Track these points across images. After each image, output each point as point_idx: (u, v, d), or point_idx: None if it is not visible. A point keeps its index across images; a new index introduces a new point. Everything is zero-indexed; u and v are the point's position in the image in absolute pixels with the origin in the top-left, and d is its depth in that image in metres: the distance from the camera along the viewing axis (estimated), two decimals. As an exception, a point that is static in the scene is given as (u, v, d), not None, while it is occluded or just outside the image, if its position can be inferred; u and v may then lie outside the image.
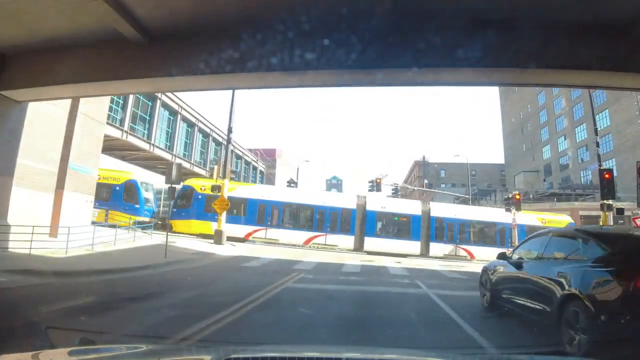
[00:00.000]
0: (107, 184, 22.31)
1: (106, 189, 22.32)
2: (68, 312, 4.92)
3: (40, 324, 3.89)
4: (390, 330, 4.78)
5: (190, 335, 4.00)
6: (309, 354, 2.14)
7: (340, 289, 7.64)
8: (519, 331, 5.10)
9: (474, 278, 10.73)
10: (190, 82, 9.36)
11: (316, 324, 4.92)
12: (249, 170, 46.75)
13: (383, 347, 3.72)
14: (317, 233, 20.99)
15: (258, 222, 21.10)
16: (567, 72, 6.75)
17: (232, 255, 14.31)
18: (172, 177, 11.99)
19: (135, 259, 11.27)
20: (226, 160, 17.51)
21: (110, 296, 6.27)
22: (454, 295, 7.75)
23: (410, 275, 10.87)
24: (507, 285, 5.57)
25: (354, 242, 21.02)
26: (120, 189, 22.63)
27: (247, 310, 5.33)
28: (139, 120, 26.75)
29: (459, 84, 10.27)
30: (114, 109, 24.24)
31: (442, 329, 5.11)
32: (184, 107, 30.40)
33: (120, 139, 24.37)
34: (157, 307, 5.37)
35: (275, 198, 21.70)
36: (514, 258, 5.67)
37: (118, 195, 22.49)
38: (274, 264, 12.07)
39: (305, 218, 21.71)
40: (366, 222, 21.06)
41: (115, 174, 23.74)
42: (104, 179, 22.02)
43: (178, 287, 7.49)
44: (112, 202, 22.13)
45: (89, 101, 17.15)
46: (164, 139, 29.27)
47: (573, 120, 49.35)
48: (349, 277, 9.48)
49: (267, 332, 4.53)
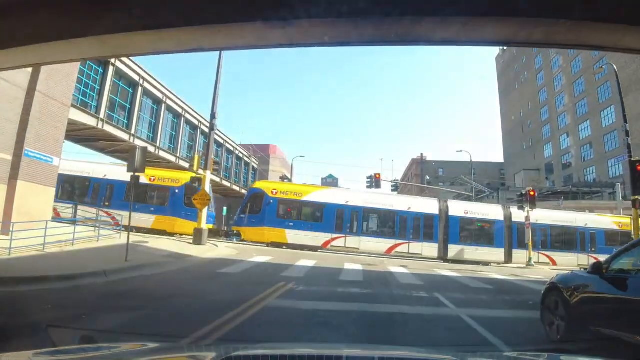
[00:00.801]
0: (164, 187, 19.81)
1: (163, 192, 19.84)
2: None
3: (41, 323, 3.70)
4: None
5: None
6: (309, 352, 2.08)
7: (339, 309, 5.63)
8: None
9: (504, 289, 8.89)
10: (150, 39, 7.32)
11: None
12: (240, 166, 44.59)
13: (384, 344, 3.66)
14: (400, 241, 19.61)
15: (337, 230, 19.56)
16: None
17: (212, 258, 12.26)
18: (136, 163, 9.92)
19: (88, 262, 9.23)
20: (209, 150, 15.42)
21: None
22: (498, 319, 5.79)
23: (425, 285, 8.85)
24: (603, 312, 3.64)
25: (437, 250, 19.66)
26: (180, 192, 19.69)
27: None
28: (118, 109, 24.53)
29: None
30: (89, 94, 22.06)
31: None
32: (169, 96, 28.21)
33: (96, 127, 22.17)
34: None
35: (355, 203, 20.02)
36: (611, 272, 3.71)
37: (178, 199, 19.56)
38: (258, 269, 10.04)
39: (388, 225, 20.25)
40: (449, 228, 19.79)
41: (173, 174, 21.11)
42: (159, 181, 19.87)
43: (113, 305, 5.47)
44: (171, 207, 19.48)
45: (51, 78, 15.00)
46: (146, 130, 27.07)
47: (576, 117, 47.79)
48: (349, 289, 7.47)
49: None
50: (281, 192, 20.14)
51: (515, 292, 8.92)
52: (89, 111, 21.69)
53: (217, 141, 37.42)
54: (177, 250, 12.74)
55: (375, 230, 20.08)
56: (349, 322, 4.96)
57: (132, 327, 4.22)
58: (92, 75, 22.30)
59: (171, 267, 9.67)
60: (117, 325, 4.26)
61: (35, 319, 4.47)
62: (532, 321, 4.97)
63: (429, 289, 8.20)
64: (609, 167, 42.15)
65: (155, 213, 19.16)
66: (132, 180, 10.02)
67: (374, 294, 7.04)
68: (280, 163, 58.65)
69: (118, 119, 24.31)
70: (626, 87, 39.41)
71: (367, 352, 2.25)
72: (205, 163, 15.02)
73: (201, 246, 14.30)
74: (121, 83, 24.42)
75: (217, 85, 15.10)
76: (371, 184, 25.56)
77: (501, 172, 67.18)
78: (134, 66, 24.43)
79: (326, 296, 6.58)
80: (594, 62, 44.73)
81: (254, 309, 5.27)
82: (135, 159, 9.94)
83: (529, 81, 59.73)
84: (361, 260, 14.79)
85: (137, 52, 8.75)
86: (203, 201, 14.53)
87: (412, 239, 19.53)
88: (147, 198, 19.78)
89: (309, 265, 11.47)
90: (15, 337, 3.43)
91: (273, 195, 19.76)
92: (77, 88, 21.55)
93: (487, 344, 4.23)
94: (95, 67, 22.31)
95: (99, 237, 13.21)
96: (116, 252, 10.55)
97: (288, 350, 2.11)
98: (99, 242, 13.08)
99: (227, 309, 5.07)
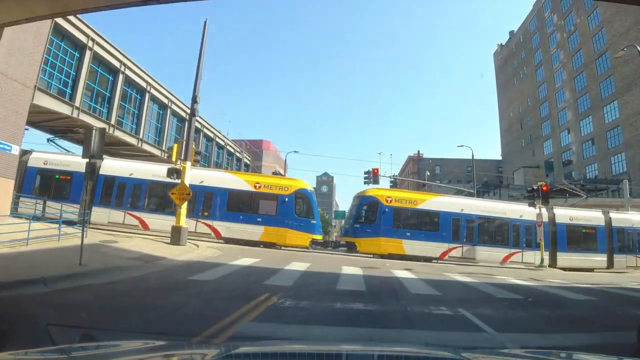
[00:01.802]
0: (272, 194, 18.12)
1: (271, 200, 18.13)
2: None
3: None
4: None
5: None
6: (308, 349, 2.09)
7: (339, 338, 4.03)
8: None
9: (537, 300, 7.12)
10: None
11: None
12: (232, 161, 42.84)
13: None
14: (514, 250, 19.05)
15: (453, 239, 18.79)
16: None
17: (188, 260, 10.61)
18: (93, 148, 8.26)
19: (33, 266, 7.60)
20: (188, 138, 13.72)
21: None
22: (564, 351, 4.18)
23: (442, 295, 7.14)
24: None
25: (548, 258, 18.92)
26: (290, 201, 18.14)
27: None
28: (97, 98, 22.75)
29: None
30: (64, 80, 20.26)
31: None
32: (154, 85, 26.42)
33: (71, 116, 20.43)
34: None
35: (470, 211, 19.30)
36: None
37: (288, 208, 18.00)
38: (239, 275, 8.41)
39: (502, 233, 19.50)
40: (557, 235, 19.44)
41: (281, 181, 19.59)
42: (265, 188, 18.15)
43: (9, 329, 3.79)
44: (281, 216, 17.85)
45: (12, 56, 13.21)
46: (129, 122, 25.27)
47: (578, 113, 46.61)
48: (350, 304, 5.76)
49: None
50: (395, 200, 19.20)
51: (554, 305, 7.36)
52: (63, 98, 19.94)
53: (207, 135, 35.67)
54: (148, 251, 11.08)
55: (489, 239, 19.33)
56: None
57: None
58: (68, 59, 20.53)
59: (133, 273, 8.02)
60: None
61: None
62: (611, 350, 3.45)
63: (449, 301, 6.60)
64: (611, 164, 40.99)
65: (264, 224, 17.60)
66: (88, 168, 8.34)
67: (383, 311, 5.41)
68: (273, 159, 56.92)
69: (96, 108, 22.53)
70: (631, 82, 38.31)
71: (367, 349, 2.22)
72: (185, 153, 13.34)
73: (179, 247, 12.66)
74: (100, 69, 22.63)
75: (200, 63, 13.41)
76: (369, 179, 24.01)
77: (499, 170, 66.13)
78: (115, 51, 22.65)
79: (320, 316, 4.96)
80: (596, 56, 43.56)
81: (217, 340, 3.67)
82: (91, 143, 8.27)
83: (528, 77, 58.51)
84: (360, 263, 13.21)
85: (90, 5, 7.12)
86: (182, 195, 12.87)
87: (525, 248, 19.05)
88: (253, 207, 18.06)
89: (300, 269, 9.83)
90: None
91: (387, 203, 18.82)
92: (50, 73, 19.79)
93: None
94: (70, 50, 20.54)
95: (59, 236, 11.50)
96: (73, 254, 8.86)
97: (288, 348, 2.15)
98: (60, 241, 11.39)
99: (178, 340, 3.46)
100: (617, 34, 39.74)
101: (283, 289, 6.74)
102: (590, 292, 9.44)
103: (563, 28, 49.61)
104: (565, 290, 9.43)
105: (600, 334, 5.03)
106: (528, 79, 58.43)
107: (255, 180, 18.71)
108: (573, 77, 47.62)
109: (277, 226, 17.51)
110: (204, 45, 13.95)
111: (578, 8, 46.51)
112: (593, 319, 6.30)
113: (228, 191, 17.82)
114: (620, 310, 7.47)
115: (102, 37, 21.56)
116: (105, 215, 17.34)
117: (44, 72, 19.08)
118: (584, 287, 10.71)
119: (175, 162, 13.43)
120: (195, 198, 16.49)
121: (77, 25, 19.92)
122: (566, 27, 48.99)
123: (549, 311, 6.52)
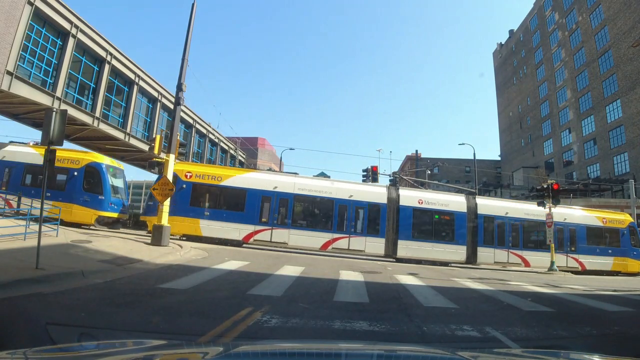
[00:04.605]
0: (63, 168, 17.04)
1: (61, 174, 17.22)
2: None
3: None
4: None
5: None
6: (308, 348, 2.07)
7: (335, 341, 2.94)
8: None
9: (571, 313, 5.73)
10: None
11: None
12: (225, 159, 41.61)
13: None
14: (338, 235, 16.99)
15: (261, 221, 16.83)
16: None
17: (167, 264, 9.43)
18: (53, 132, 7.09)
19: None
20: (173, 129, 12.53)
21: None
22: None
23: (460, 309, 5.95)
24: None
25: (384, 247, 17.23)
26: (79, 175, 17.40)
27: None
28: (82, 89, 21.48)
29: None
30: (44, 68, 18.99)
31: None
32: (142, 77, 25.15)
33: (52, 108, 19.09)
34: None
35: (285, 189, 17.05)
36: None
37: (76, 182, 17.27)
38: (220, 282, 7.23)
39: (325, 216, 17.51)
40: (399, 222, 17.38)
41: (73, 155, 18.49)
42: (58, 162, 16.86)
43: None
44: (69, 191, 17.02)
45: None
46: (116, 115, 24.00)
47: (579, 112, 45.76)
48: (350, 323, 4.63)
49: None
50: (196, 175, 17.09)
51: (592, 319, 6.22)
52: (43, 88, 18.67)
53: (200, 131, 34.42)
54: (124, 253, 9.90)
55: (310, 223, 17.47)
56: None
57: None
58: (50, 47, 19.27)
59: (98, 279, 6.85)
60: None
61: None
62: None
63: (471, 317, 5.45)
64: (614, 164, 40.14)
65: (53, 199, 15.72)
66: (47, 156, 7.16)
67: (393, 334, 4.21)
68: (269, 157, 55.67)
69: (80, 100, 21.27)
70: (634, 80, 37.47)
71: (366, 348, 2.19)
72: (169, 145, 12.17)
73: (160, 247, 11.50)
74: (85, 59, 21.35)
75: (186, 48, 12.23)
76: (367, 176, 22.87)
77: (497, 170, 65.40)
78: (100, 39, 21.38)
79: (312, 341, 3.85)
80: (599, 55, 42.70)
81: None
82: (51, 126, 7.09)
83: (528, 76, 57.67)
84: (360, 267, 12.05)
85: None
86: (164, 191, 11.70)
87: (352, 233, 17.02)
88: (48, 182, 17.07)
89: (293, 274, 8.66)
90: None
91: (187, 179, 16.73)
92: (30, 61, 18.58)
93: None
94: (52, 38, 19.27)
95: (25, 235, 10.30)
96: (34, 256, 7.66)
97: (289, 347, 2.13)
98: (26, 241, 10.20)
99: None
100: (621, 32, 38.92)
101: (270, 300, 5.60)
102: (619, 301, 8.38)
103: (564, 26, 48.78)
104: (592, 299, 8.36)
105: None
106: (528, 78, 57.61)
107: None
108: (575, 76, 46.78)
109: (65, 202, 16.09)
110: (191, 29, 12.81)
111: (580, 6, 45.68)
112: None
113: (23, 164, 17.57)
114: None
115: (87, 24, 20.32)
116: None
117: (23, 59, 17.88)
118: (608, 294, 9.66)
119: (158, 154, 12.25)
120: None
121: (59, 11, 18.69)
122: (568, 25, 48.16)
123: (593, 329, 5.41)
